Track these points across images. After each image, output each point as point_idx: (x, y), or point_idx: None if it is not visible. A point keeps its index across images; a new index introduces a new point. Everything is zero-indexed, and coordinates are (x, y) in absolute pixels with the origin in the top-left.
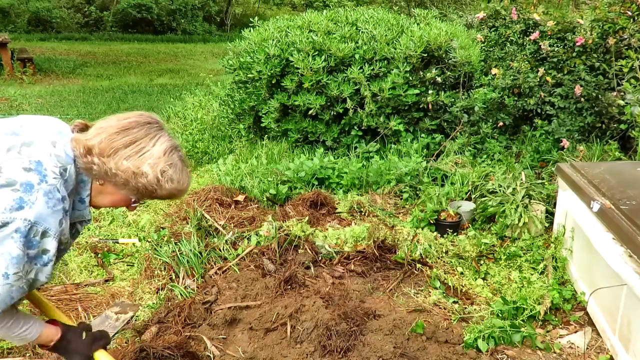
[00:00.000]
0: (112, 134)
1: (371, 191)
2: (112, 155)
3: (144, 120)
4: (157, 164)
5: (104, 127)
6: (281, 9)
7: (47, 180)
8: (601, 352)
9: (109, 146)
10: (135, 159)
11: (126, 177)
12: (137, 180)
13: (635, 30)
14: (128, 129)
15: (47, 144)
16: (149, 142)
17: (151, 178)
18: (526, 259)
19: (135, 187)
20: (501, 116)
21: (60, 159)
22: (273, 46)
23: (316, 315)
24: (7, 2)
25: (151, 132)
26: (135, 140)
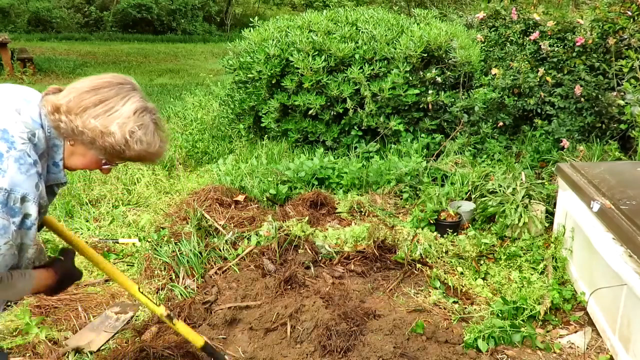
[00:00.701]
0: (82, 92)
1: (371, 191)
2: (80, 113)
3: (117, 80)
4: (125, 123)
5: (75, 87)
6: (281, 9)
7: (15, 147)
8: (601, 352)
9: (78, 104)
10: (104, 117)
11: (93, 136)
12: (105, 139)
13: (635, 30)
14: (99, 88)
15: (12, 111)
16: (119, 101)
17: (119, 137)
18: (526, 259)
19: (102, 147)
20: (501, 116)
21: (27, 125)
22: (273, 46)
23: (316, 315)
24: (7, 2)
25: (122, 92)
26: (105, 99)
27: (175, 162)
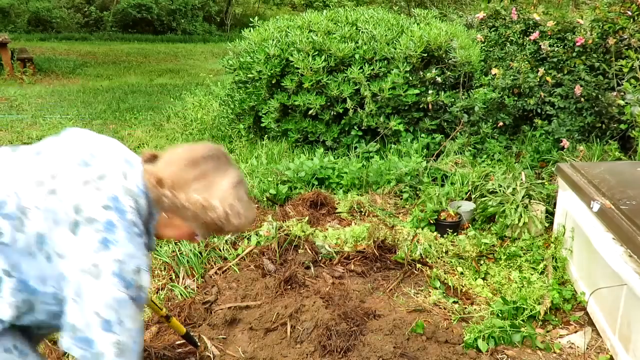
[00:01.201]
0: (182, 166)
1: (371, 191)
2: (183, 188)
3: (213, 153)
4: (225, 198)
5: (173, 159)
6: (281, 9)
7: (125, 217)
8: (601, 352)
9: (180, 179)
10: (206, 192)
11: (196, 211)
12: (207, 214)
13: (635, 30)
14: (198, 162)
15: (120, 176)
16: (219, 175)
17: (220, 212)
18: (526, 259)
19: (204, 222)
20: (501, 116)
21: (133, 193)
22: (273, 46)
23: (316, 315)
24: (7, 2)
25: (220, 165)
26: (205, 173)
27: None
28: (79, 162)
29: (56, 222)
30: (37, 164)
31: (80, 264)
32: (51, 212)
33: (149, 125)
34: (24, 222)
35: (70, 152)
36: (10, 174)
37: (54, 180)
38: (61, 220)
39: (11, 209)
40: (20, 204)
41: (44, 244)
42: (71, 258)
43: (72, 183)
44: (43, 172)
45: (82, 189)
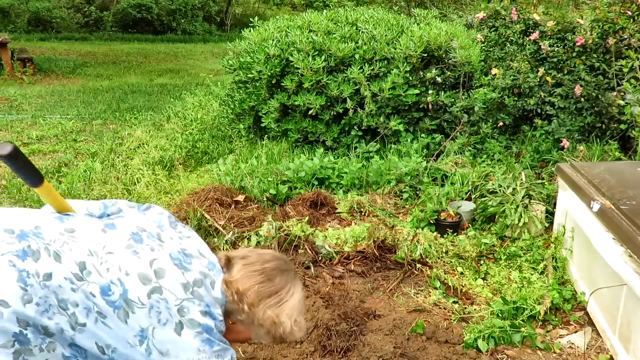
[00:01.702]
0: (259, 282)
1: (371, 191)
2: (259, 304)
3: (284, 267)
4: (292, 314)
5: (250, 271)
6: (281, 9)
7: (217, 324)
8: (601, 352)
9: (257, 296)
10: (276, 308)
11: (267, 327)
12: (276, 329)
13: (635, 30)
14: (272, 278)
15: (208, 284)
16: (288, 292)
17: (287, 327)
18: (526, 259)
19: (273, 336)
20: (501, 116)
21: (219, 301)
22: (273, 46)
23: (316, 315)
24: (7, 2)
25: (289, 280)
26: (278, 290)
27: (175, 162)
28: (176, 263)
29: (160, 321)
30: (140, 255)
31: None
32: (155, 310)
33: (149, 125)
34: (129, 315)
35: (167, 248)
36: (113, 258)
37: (158, 279)
38: (166, 320)
39: (116, 297)
40: (125, 295)
41: (145, 339)
42: (174, 356)
43: (175, 285)
44: (147, 267)
45: (183, 293)
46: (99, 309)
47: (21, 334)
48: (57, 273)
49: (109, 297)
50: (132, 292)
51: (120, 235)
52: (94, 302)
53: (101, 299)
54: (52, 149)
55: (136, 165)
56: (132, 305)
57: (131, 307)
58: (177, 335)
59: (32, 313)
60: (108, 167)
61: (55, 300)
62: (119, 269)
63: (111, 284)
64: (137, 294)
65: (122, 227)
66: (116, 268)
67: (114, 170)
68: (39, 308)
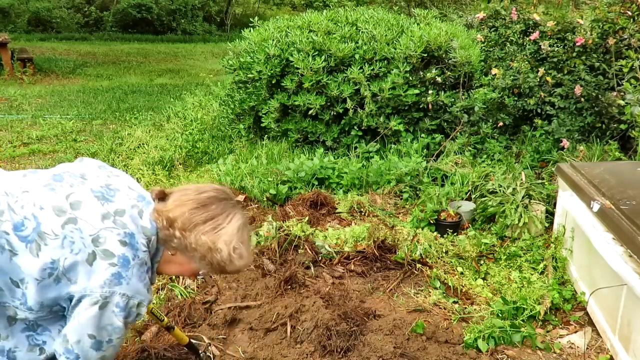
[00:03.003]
0: (192, 208)
1: (371, 191)
2: (192, 229)
3: (221, 195)
4: (230, 240)
5: (183, 200)
6: (281, 9)
7: (139, 255)
8: (601, 352)
9: (189, 221)
10: (212, 234)
11: (203, 252)
12: (212, 255)
13: (635, 30)
14: (206, 205)
15: (135, 213)
16: (225, 218)
17: (225, 254)
18: (526, 259)
19: (209, 262)
20: (501, 116)
21: (147, 231)
22: (273, 46)
23: (316, 315)
24: (7, 2)
25: (227, 208)
26: (213, 216)
27: (175, 162)
28: (97, 195)
29: (72, 251)
30: (57, 190)
31: (90, 293)
32: (68, 240)
33: (149, 125)
34: (41, 247)
35: (89, 184)
36: (29, 195)
37: (73, 210)
38: (78, 250)
39: (29, 232)
40: (39, 229)
41: (55, 270)
42: (82, 284)
43: (92, 215)
44: (62, 200)
45: (100, 223)
46: (11, 247)
47: None
48: None
49: (21, 232)
50: (45, 224)
51: (41, 177)
52: (6, 239)
53: (14, 236)
54: (52, 149)
55: (136, 165)
56: (44, 237)
57: (44, 239)
58: (88, 265)
59: None
60: None
61: None
62: (33, 205)
63: (25, 220)
64: (50, 226)
65: (44, 172)
66: (30, 204)
67: None
68: None
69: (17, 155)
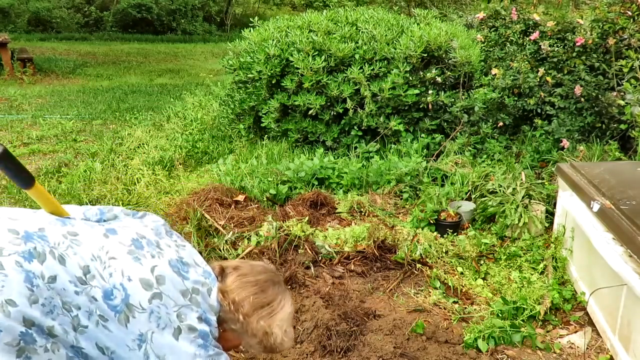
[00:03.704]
0: (254, 293)
1: (371, 191)
2: (253, 314)
3: (276, 279)
4: (283, 325)
5: (244, 282)
6: (281, 9)
7: (212, 331)
8: (601, 352)
9: (251, 307)
10: (268, 319)
11: (260, 336)
12: (268, 339)
13: (635, 30)
14: (265, 290)
15: (205, 291)
16: (279, 304)
17: (278, 338)
18: (526, 259)
19: (264, 345)
20: (501, 116)
21: (214, 309)
22: (273, 46)
23: (316, 315)
24: (7, 2)
25: (280, 292)
26: (270, 301)
27: (175, 162)
28: (175, 271)
29: (159, 326)
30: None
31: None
32: (155, 315)
33: (149, 125)
34: (129, 319)
35: (166, 255)
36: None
37: (159, 285)
38: (165, 325)
39: (118, 302)
40: (127, 300)
41: (143, 343)
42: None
43: (174, 292)
44: (148, 273)
45: (182, 300)
46: (101, 312)
47: (27, 334)
48: (62, 276)
49: (111, 302)
50: (134, 297)
51: (122, 241)
52: (96, 305)
53: (103, 303)
54: (52, 149)
55: (136, 165)
56: (133, 309)
57: (132, 312)
58: (174, 340)
59: (38, 314)
60: (108, 167)
61: (59, 302)
62: (121, 274)
63: (114, 289)
64: (138, 299)
65: (123, 233)
66: (119, 273)
67: (114, 170)
68: (44, 309)
69: (17, 155)
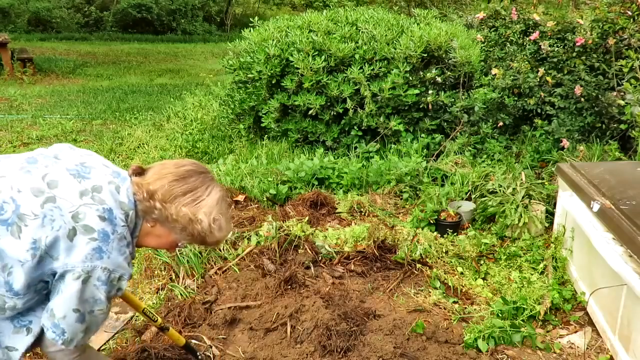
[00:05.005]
0: (172, 181)
1: (371, 191)
2: (172, 201)
3: (200, 169)
4: (210, 212)
5: (163, 174)
6: (281, 9)
7: (117, 230)
8: (601, 352)
9: (170, 192)
10: (192, 206)
11: (184, 223)
12: (193, 226)
13: (635, 30)
14: (186, 177)
15: (112, 189)
16: (205, 191)
17: (205, 225)
18: (526, 259)
19: (190, 233)
20: (501, 116)
21: (124, 205)
22: (273, 46)
23: (316, 315)
24: (7, 2)
25: (206, 181)
26: (192, 188)
27: None
28: (73, 173)
29: (52, 228)
30: (32, 172)
31: (72, 268)
32: (49, 219)
33: (149, 125)
34: (22, 229)
35: (63, 163)
36: (5, 180)
37: (51, 189)
38: (59, 227)
39: (9, 215)
40: (18, 211)
41: (37, 250)
42: (64, 260)
43: (70, 193)
44: (39, 181)
45: (79, 199)
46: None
47: None
48: None
49: (1, 217)
50: (25, 206)
51: (15, 161)
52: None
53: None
54: None
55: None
56: (24, 218)
57: (24, 221)
58: (69, 241)
59: None
60: None
61: None
62: (10, 189)
63: (3, 204)
64: (30, 207)
65: (18, 155)
66: (8, 188)
67: None
68: None
69: None
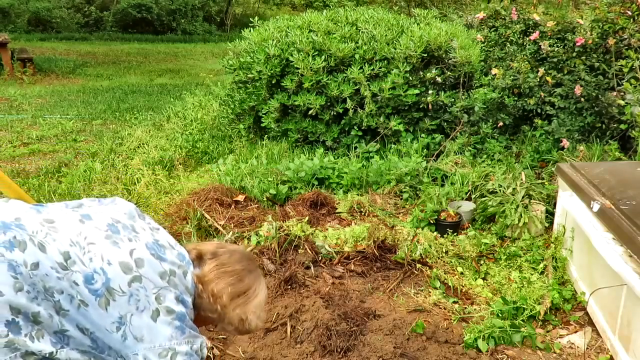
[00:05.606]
0: (231, 284)
1: (371, 191)
2: (229, 304)
3: (252, 267)
4: (256, 311)
5: (222, 272)
6: (281, 9)
7: (188, 312)
8: (601, 352)
9: (230, 296)
10: (244, 307)
11: (235, 324)
12: (243, 325)
13: (635, 30)
14: (242, 279)
15: (181, 273)
16: (254, 292)
17: (253, 325)
18: (526, 259)
19: (239, 330)
20: (501, 116)
21: (189, 290)
22: (273, 46)
23: (316, 315)
24: (7, 2)
25: (257, 280)
26: (246, 290)
27: (175, 162)
28: (153, 253)
29: (138, 308)
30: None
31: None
32: (134, 298)
33: (149, 125)
34: (110, 303)
35: (142, 239)
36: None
37: (138, 268)
38: (144, 307)
39: (99, 285)
40: (108, 284)
41: (122, 325)
42: (148, 341)
43: (153, 274)
44: (127, 257)
45: (160, 282)
46: (82, 297)
47: (13, 322)
48: (44, 262)
49: (92, 286)
50: (114, 280)
51: (98, 226)
52: (77, 290)
53: (84, 287)
54: (52, 149)
55: (136, 165)
56: (113, 293)
57: (112, 295)
58: (152, 322)
59: (24, 300)
60: (108, 167)
61: (42, 288)
62: (101, 259)
63: (94, 273)
64: (119, 282)
65: (98, 218)
66: (99, 258)
67: (114, 170)
68: (29, 295)
69: (17, 155)
